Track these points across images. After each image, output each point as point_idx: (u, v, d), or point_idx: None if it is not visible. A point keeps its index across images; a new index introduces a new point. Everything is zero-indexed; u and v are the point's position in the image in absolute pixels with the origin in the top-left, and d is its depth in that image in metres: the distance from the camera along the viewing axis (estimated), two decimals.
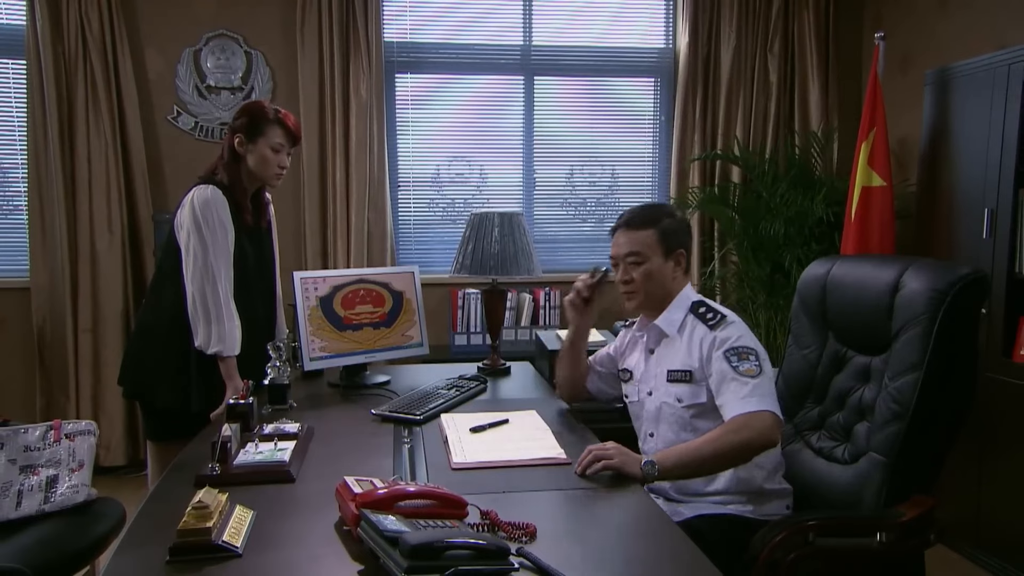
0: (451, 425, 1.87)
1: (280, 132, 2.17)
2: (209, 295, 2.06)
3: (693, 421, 1.79)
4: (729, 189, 3.95)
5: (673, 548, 1.24)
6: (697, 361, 1.77)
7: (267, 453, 1.59)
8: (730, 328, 1.77)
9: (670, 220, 1.89)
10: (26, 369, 3.71)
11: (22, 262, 3.71)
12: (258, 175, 2.19)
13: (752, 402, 1.64)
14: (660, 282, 1.85)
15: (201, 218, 2.06)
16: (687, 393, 1.79)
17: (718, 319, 1.79)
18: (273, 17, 3.78)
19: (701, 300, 1.86)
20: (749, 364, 1.70)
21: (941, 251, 3.08)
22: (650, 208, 1.94)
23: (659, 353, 1.88)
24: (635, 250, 1.85)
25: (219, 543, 1.16)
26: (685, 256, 1.88)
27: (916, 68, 3.61)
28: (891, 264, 1.76)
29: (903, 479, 1.62)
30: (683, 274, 1.89)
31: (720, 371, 1.71)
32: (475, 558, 1.06)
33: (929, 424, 1.61)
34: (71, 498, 1.96)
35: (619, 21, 4.07)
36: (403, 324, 2.41)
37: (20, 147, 3.68)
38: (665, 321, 1.86)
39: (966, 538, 2.83)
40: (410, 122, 4.00)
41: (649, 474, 1.56)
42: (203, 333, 2.06)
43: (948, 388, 1.63)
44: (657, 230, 1.85)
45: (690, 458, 1.61)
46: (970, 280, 1.62)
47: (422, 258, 4.03)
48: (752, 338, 1.78)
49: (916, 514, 1.56)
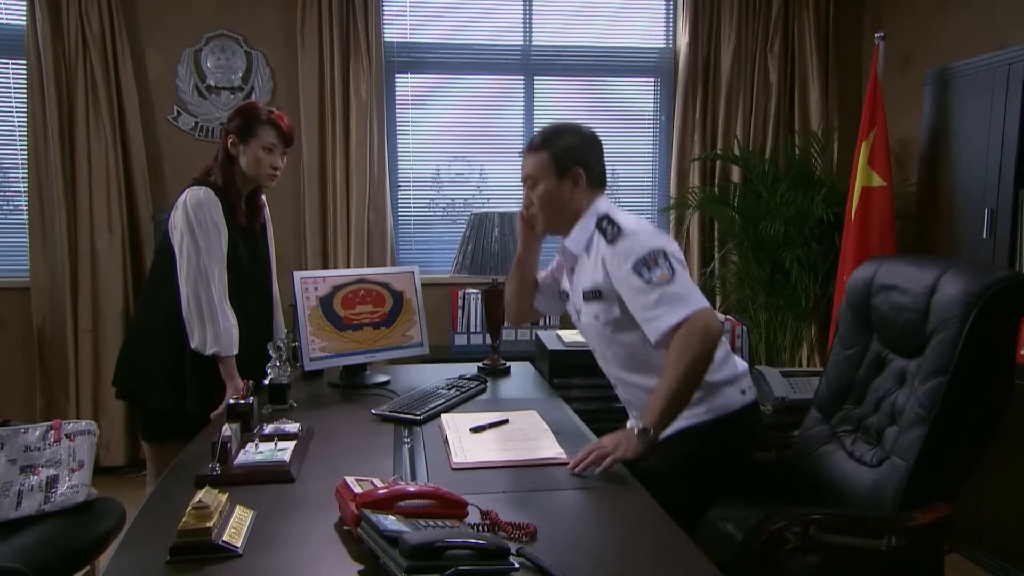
0: (451, 425, 1.87)
1: (273, 133, 2.17)
2: (203, 296, 2.06)
3: (614, 335, 1.82)
4: (729, 189, 3.95)
5: (674, 548, 1.24)
6: (602, 277, 1.78)
7: (267, 453, 1.59)
8: (628, 240, 1.73)
9: (569, 138, 1.86)
10: (26, 369, 3.71)
11: (22, 262, 3.71)
12: (251, 176, 2.18)
13: (677, 310, 1.64)
14: (558, 203, 1.86)
15: (194, 219, 2.06)
16: (601, 310, 1.81)
17: (615, 233, 1.76)
18: (273, 17, 3.78)
19: (606, 214, 1.82)
20: (660, 270, 1.68)
21: (941, 251, 3.08)
22: (550, 129, 1.91)
23: (577, 272, 1.91)
24: (529, 173, 1.88)
25: (219, 543, 1.16)
26: (583, 174, 1.85)
27: (916, 68, 3.61)
28: (933, 266, 1.71)
29: (923, 485, 1.60)
30: (587, 190, 1.86)
31: (632, 287, 1.70)
32: (475, 558, 1.06)
33: (953, 431, 1.58)
34: (71, 498, 1.96)
35: (619, 21, 4.07)
36: (403, 324, 2.41)
37: (20, 147, 3.68)
38: (572, 241, 1.88)
39: (967, 539, 2.83)
40: (410, 122, 4.00)
41: (648, 443, 1.57)
42: (199, 334, 2.06)
43: (976, 395, 1.58)
44: (550, 152, 1.84)
45: (667, 403, 1.61)
46: (1007, 284, 1.56)
47: (422, 258, 4.03)
48: (657, 237, 1.75)
49: (928, 520, 1.54)
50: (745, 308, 3.88)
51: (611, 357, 1.88)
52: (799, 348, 3.88)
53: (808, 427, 1.95)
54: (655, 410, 1.61)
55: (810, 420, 1.96)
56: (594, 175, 1.88)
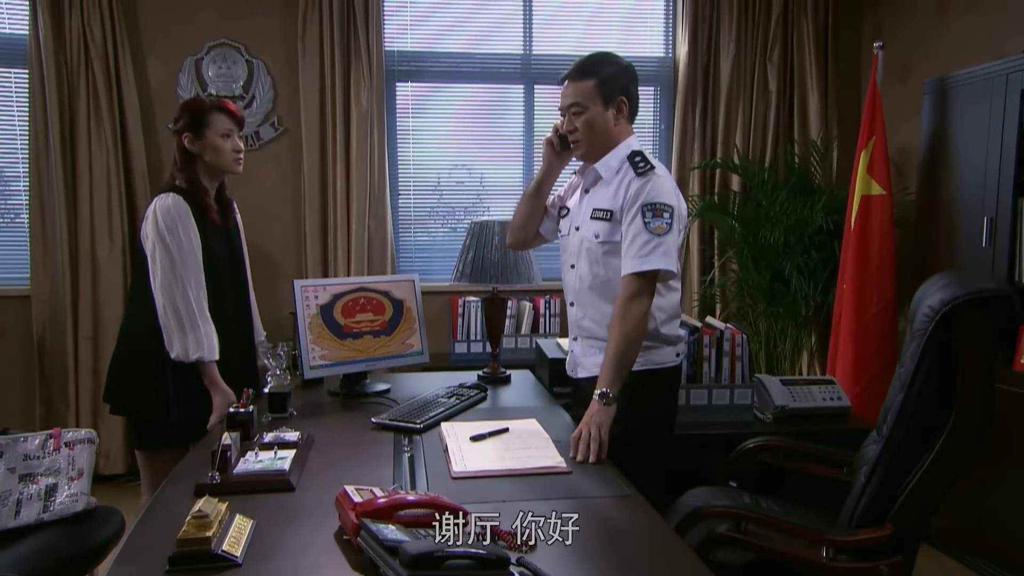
0: (451, 434, 1.86)
1: (224, 118, 2.18)
2: (181, 303, 2.05)
3: (604, 257, 1.96)
4: (729, 197, 3.95)
5: (672, 558, 1.24)
6: (620, 202, 1.91)
7: (267, 462, 1.59)
8: (655, 181, 1.89)
9: (612, 68, 1.96)
10: (26, 377, 3.71)
11: (23, 270, 3.71)
12: (217, 165, 2.18)
13: (648, 260, 1.84)
14: (602, 130, 1.96)
15: (164, 227, 2.06)
16: (605, 230, 1.95)
17: (647, 168, 1.91)
18: (274, 26, 3.80)
19: (639, 151, 1.96)
20: (661, 221, 1.86)
21: (941, 259, 3.09)
22: (594, 57, 1.99)
23: (592, 193, 2.03)
24: (576, 100, 1.96)
25: (219, 552, 1.16)
26: (627, 103, 1.97)
27: (915, 77, 3.63)
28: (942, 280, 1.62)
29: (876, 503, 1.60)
30: (625, 121, 1.99)
31: (634, 223, 1.87)
32: (475, 567, 1.06)
33: (903, 451, 1.56)
34: (70, 507, 1.95)
35: (619, 30, 4.08)
36: (403, 332, 2.41)
37: (22, 155, 3.69)
38: (603, 165, 1.98)
39: (966, 546, 2.83)
40: (411, 131, 4.01)
41: (611, 403, 1.76)
42: (179, 342, 2.05)
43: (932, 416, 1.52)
44: (597, 80, 1.93)
45: (619, 361, 1.81)
46: (968, 299, 1.45)
47: (422, 266, 4.04)
48: (673, 195, 1.91)
49: (862, 539, 1.55)
50: (745, 316, 3.88)
51: (588, 276, 2.01)
52: (799, 356, 3.88)
53: (865, 445, 1.86)
54: (609, 372, 1.80)
55: (869, 439, 1.86)
56: (633, 106, 2.00)
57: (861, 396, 3.15)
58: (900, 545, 1.54)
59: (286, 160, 3.86)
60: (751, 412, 2.68)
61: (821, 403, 2.63)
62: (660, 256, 1.84)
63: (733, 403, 2.68)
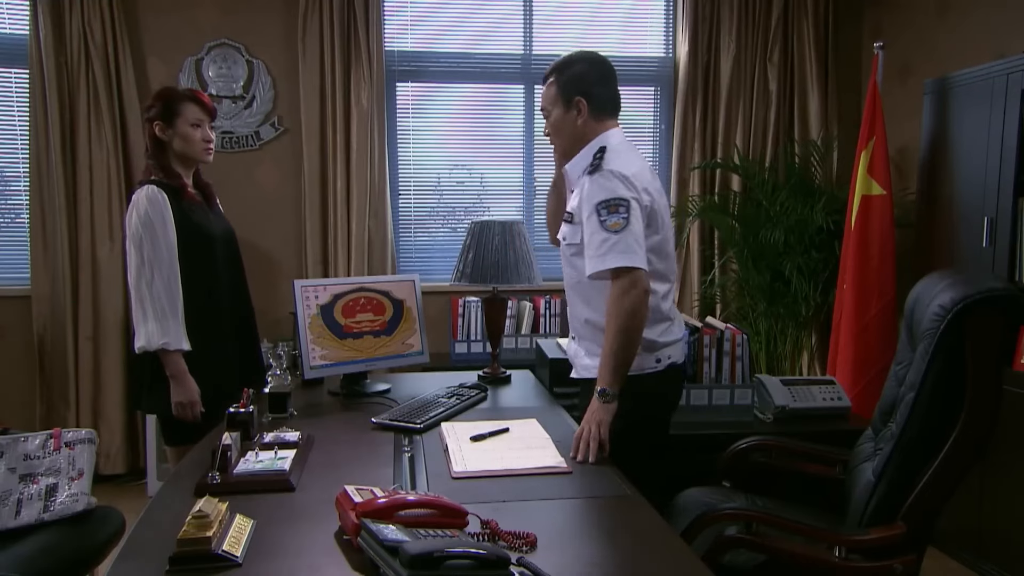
0: (451, 434, 1.86)
1: (195, 107, 2.19)
2: (146, 292, 2.06)
3: (572, 259, 1.94)
4: (729, 197, 3.96)
5: (674, 559, 1.24)
6: (577, 203, 1.88)
7: (267, 462, 1.59)
8: (604, 179, 1.82)
9: (577, 67, 1.94)
10: (26, 377, 3.71)
11: (23, 270, 3.71)
12: (186, 154, 2.19)
13: (605, 259, 1.77)
14: (568, 132, 1.94)
15: (138, 219, 2.08)
16: (568, 232, 1.94)
17: (597, 167, 1.84)
18: (275, 26, 3.80)
19: (604, 146, 1.89)
20: (616, 217, 1.79)
21: (941, 260, 3.09)
22: (562, 59, 1.98)
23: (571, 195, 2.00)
24: (542, 105, 1.98)
25: (219, 552, 1.16)
26: (585, 102, 1.91)
27: (915, 77, 3.63)
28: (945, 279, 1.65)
29: (886, 502, 1.60)
30: (591, 119, 1.93)
31: (589, 222, 1.82)
32: (475, 567, 1.06)
33: (915, 450, 1.56)
34: (70, 507, 1.95)
35: (619, 30, 4.08)
36: (403, 332, 2.41)
37: (22, 155, 3.69)
38: (572, 166, 1.97)
39: (968, 547, 2.82)
40: (411, 131, 4.01)
41: (611, 400, 1.75)
42: (144, 331, 2.05)
43: (943, 415, 1.53)
44: (558, 83, 1.93)
45: (614, 358, 1.77)
46: (980, 298, 1.46)
47: (423, 266, 4.04)
48: (624, 187, 1.80)
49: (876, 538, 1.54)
50: (745, 316, 3.88)
51: (566, 277, 2.03)
52: (799, 356, 3.88)
53: (860, 443, 1.89)
54: (607, 372, 1.77)
55: (863, 436, 1.90)
56: (597, 103, 1.93)
57: (861, 396, 3.15)
58: (912, 544, 1.55)
59: (286, 160, 3.86)
60: (751, 412, 2.68)
61: (821, 403, 2.63)
62: (618, 255, 1.77)
63: (733, 403, 2.69)
